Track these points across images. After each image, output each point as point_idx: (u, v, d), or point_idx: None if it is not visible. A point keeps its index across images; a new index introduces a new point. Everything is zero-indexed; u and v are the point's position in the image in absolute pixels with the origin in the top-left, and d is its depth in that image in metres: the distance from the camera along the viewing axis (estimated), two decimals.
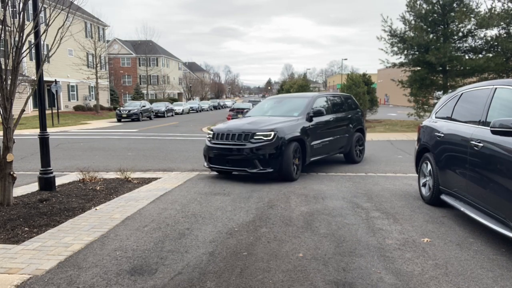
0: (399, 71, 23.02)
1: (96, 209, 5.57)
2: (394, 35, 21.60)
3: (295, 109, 8.62)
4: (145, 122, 30.89)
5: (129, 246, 4.19)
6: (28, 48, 6.27)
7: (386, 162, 10.24)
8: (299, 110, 8.42)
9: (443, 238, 4.43)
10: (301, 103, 8.77)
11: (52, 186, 6.67)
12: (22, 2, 5.75)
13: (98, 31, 43.82)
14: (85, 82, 39.85)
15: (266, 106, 9.62)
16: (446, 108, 5.89)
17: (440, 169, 5.46)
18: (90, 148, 14.08)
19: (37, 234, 4.50)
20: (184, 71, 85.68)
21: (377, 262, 3.76)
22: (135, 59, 67.09)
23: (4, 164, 5.56)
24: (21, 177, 7.78)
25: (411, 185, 7.21)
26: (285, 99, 9.81)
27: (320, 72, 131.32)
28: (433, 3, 20.69)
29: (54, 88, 25.62)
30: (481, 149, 4.35)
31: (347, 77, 25.24)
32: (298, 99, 9.44)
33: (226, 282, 3.34)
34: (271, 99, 10.41)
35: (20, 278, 3.40)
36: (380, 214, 5.39)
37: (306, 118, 8.13)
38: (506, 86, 4.45)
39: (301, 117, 8.15)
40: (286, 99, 9.88)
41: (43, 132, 6.73)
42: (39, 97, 6.65)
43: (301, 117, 8.15)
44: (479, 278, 3.42)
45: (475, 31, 20.35)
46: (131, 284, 3.32)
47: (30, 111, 30.39)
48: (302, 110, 8.39)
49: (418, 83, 21.41)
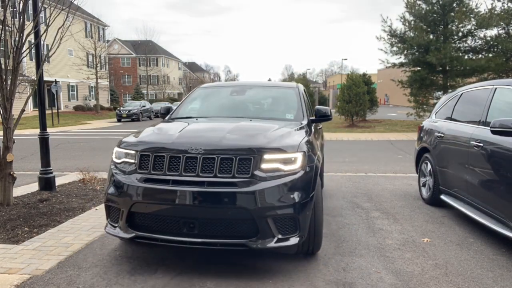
0: (399, 71, 23.03)
1: (96, 209, 5.57)
2: (394, 35, 21.63)
3: (280, 106, 5.28)
4: (145, 122, 30.88)
5: (129, 246, 4.19)
6: (28, 48, 6.26)
7: (386, 162, 10.24)
8: (292, 109, 5.04)
9: (443, 238, 4.44)
10: (286, 96, 5.41)
11: (52, 186, 6.67)
12: (22, 2, 5.75)
13: (98, 31, 43.82)
14: (85, 82, 39.85)
15: (213, 101, 5.56)
16: (446, 108, 5.89)
17: (440, 169, 5.47)
18: (90, 148, 14.08)
19: (37, 234, 4.50)
20: (184, 71, 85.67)
21: (377, 262, 3.76)
22: (135, 59, 67.10)
23: (4, 164, 5.56)
24: (21, 177, 7.78)
25: (411, 185, 7.22)
26: (247, 89, 5.74)
27: (320, 72, 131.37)
28: (433, 3, 20.70)
29: (54, 88, 25.63)
30: (481, 149, 4.36)
31: (347, 77, 25.24)
32: (274, 89, 5.83)
33: (226, 282, 3.34)
34: (216, 89, 6.03)
35: (20, 278, 3.40)
36: (380, 214, 5.39)
37: (308, 123, 4.62)
38: (506, 86, 4.46)
39: (304, 122, 4.63)
40: (248, 89, 5.78)
41: (43, 132, 6.72)
42: (39, 97, 6.65)
43: (304, 122, 4.63)
44: (479, 278, 3.42)
45: (475, 31, 20.37)
46: (131, 284, 3.32)
47: (30, 111, 30.38)
48: (297, 109, 5.01)
49: (418, 83, 21.41)
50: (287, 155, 3.44)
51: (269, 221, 3.28)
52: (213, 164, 3.34)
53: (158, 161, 3.46)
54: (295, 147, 3.55)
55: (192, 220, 3.36)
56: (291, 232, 3.37)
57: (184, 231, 3.38)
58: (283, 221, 3.34)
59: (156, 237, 3.41)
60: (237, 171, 3.32)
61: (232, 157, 3.34)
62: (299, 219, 3.36)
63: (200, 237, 3.36)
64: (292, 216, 3.35)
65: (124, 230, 3.53)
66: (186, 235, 3.37)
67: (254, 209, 3.24)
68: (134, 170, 3.54)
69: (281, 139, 3.67)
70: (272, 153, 3.41)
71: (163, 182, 3.37)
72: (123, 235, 3.54)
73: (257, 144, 3.48)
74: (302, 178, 3.43)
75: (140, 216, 3.51)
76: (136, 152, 3.59)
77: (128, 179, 3.51)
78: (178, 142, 3.55)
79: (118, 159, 3.74)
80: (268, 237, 3.29)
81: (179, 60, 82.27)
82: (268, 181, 3.30)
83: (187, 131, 3.90)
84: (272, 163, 3.39)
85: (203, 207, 3.31)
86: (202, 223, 3.36)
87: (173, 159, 3.42)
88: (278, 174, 3.36)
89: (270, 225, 3.28)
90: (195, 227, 3.36)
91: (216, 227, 3.35)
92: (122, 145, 3.79)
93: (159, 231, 3.44)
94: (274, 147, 3.48)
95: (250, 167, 3.33)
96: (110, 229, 3.68)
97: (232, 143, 3.47)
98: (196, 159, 3.37)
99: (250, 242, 3.27)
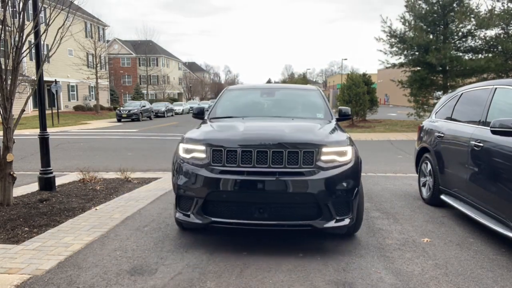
0: (399, 71, 23.04)
1: (96, 209, 5.57)
2: (394, 35, 21.63)
3: (309, 107, 5.70)
4: (145, 122, 30.90)
5: (129, 246, 4.19)
6: (28, 48, 6.27)
7: (386, 162, 10.24)
8: (320, 109, 5.50)
9: (443, 238, 4.44)
10: (311, 98, 5.88)
11: (52, 186, 6.67)
12: (22, 2, 5.75)
13: (98, 31, 43.83)
14: (85, 82, 39.85)
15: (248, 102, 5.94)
16: (446, 108, 5.89)
17: (440, 169, 5.46)
18: (90, 148, 14.08)
19: (37, 234, 4.50)
20: (184, 71, 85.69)
21: (377, 262, 3.76)
22: (135, 59, 67.10)
23: (4, 164, 5.56)
24: (21, 177, 7.78)
25: (411, 185, 7.22)
26: (275, 91, 6.32)
27: (320, 72, 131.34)
28: (433, 3, 20.72)
29: (54, 88, 25.63)
30: (481, 149, 4.36)
31: (347, 77, 25.24)
32: (299, 91, 6.48)
33: (226, 282, 3.34)
34: (246, 90, 6.56)
35: (20, 278, 3.40)
36: (380, 214, 5.39)
37: (336, 122, 5.14)
38: (506, 86, 4.46)
39: (333, 120, 5.15)
40: (276, 90, 6.40)
41: (43, 132, 6.73)
42: (39, 97, 6.65)
43: (333, 120, 5.15)
44: (479, 278, 3.42)
45: (475, 32, 20.38)
46: (131, 284, 3.32)
47: (30, 111, 30.38)
48: (324, 109, 5.50)
49: (418, 83, 21.43)
50: (340, 148, 4.02)
51: (329, 204, 3.82)
52: (281, 156, 3.83)
53: (231, 155, 3.88)
54: (346, 141, 4.17)
55: (263, 205, 3.82)
56: (345, 214, 3.93)
57: (255, 215, 3.84)
58: (340, 204, 3.90)
59: (230, 222, 3.88)
60: (303, 162, 3.83)
61: (298, 151, 3.84)
62: (352, 202, 3.96)
63: (270, 219, 3.83)
64: (346, 200, 3.93)
65: (199, 217, 3.93)
66: (257, 218, 3.83)
67: (318, 194, 3.77)
68: (207, 164, 3.93)
69: (331, 135, 4.30)
70: (329, 147, 3.95)
71: (238, 173, 3.82)
72: (198, 221, 3.94)
73: (317, 139, 4.03)
74: (353, 167, 4.01)
75: (215, 204, 3.92)
76: (206, 147, 3.98)
77: (203, 171, 3.91)
78: (247, 138, 3.99)
79: (187, 154, 4.12)
80: (328, 218, 3.84)
81: (179, 60, 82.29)
82: (328, 170, 3.85)
83: (250, 128, 4.34)
84: (330, 155, 3.93)
85: (275, 193, 3.79)
86: (271, 208, 3.83)
87: (245, 153, 3.85)
88: (334, 164, 3.91)
89: (330, 208, 3.83)
90: (264, 212, 3.83)
91: (284, 211, 3.85)
92: (188, 142, 4.21)
93: (233, 217, 3.88)
94: (331, 141, 4.05)
95: (313, 159, 3.86)
96: (182, 217, 4.07)
97: (297, 139, 4.00)
98: (266, 152, 3.83)
99: (315, 223, 3.81)
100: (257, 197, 3.82)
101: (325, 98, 5.82)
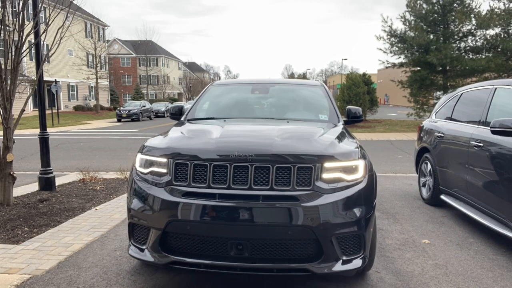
0: (399, 71, 23.05)
1: (96, 209, 5.57)
2: (394, 35, 21.63)
3: (310, 106, 4.81)
4: (145, 122, 30.91)
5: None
6: (28, 48, 6.27)
7: (386, 162, 10.24)
8: (324, 109, 4.56)
9: (443, 238, 4.44)
10: (313, 95, 4.89)
11: (52, 186, 6.67)
12: (21, 2, 5.74)
13: (98, 31, 43.84)
14: (85, 82, 39.86)
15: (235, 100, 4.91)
16: (446, 108, 5.89)
17: (440, 169, 5.46)
18: (90, 148, 14.08)
19: (37, 234, 4.50)
20: (184, 71, 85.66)
21: (377, 262, 3.76)
22: (135, 59, 67.10)
23: (4, 164, 5.56)
24: (21, 177, 7.78)
25: (411, 185, 7.22)
26: (269, 87, 5.12)
27: (320, 72, 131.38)
28: (433, 3, 20.73)
29: (54, 88, 25.64)
30: (481, 149, 4.35)
31: (346, 77, 25.24)
32: (298, 87, 5.25)
33: (225, 284, 3.34)
34: (234, 86, 5.40)
35: (20, 278, 3.40)
36: (380, 214, 5.39)
37: (344, 125, 4.17)
38: (506, 86, 4.46)
39: (340, 123, 4.20)
40: (270, 86, 5.15)
41: (43, 132, 6.72)
42: (39, 97, 6.65)
43: (340, 123, 4.20)
44: (479, 278, 3.42)
45: (475, 31, 20.37)
46: (131, 284, 3.32)
47: (30, 111, 30.40)
48: (329, 109, 4.53)
49: (418, 83, 21.43)
50: (348, 163, 2.97)
51: (333, 240, 2.81)
52: (267, 174, 2.82)
53: (199, 171, 2.88)
54: (356, 153, 3.09)
55: (242, 241, 2.79)
56: (356, 253, 2.91)
57: (231, 254, 2.82)
58: (348, 240, 2.88)
59: (197, 262, 2.84)
60: (296, 182, 2.82)
61: (290, 166, 2.83)
62: (364, 236, 2.91)
63: (252, 261, 2.81)
64: (357, 234, 2.89)
65: (156, 254, 2.92)
66: (234, 259, 2.82)
67: (318, 227, 2.75)
68: (168, 182, 2.93)
69: (337, 143, 3.20)
70: (334, 161, 2.92)
71: (208, 197, 2.80)
72: (154, 260, 2.94)
73: (317, 150, 2.98)
74: (366, 188, 2.98)
75: (177, 238, 2.91)
76: (168, 160, 2.99)
77: (161, 193, 2.92)
78: (221, 148, 2.97)
79: (144, 169, 3.12)
80: (332, 259, 2.82)
81: (179, 60, 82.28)
82: (332, 194, 2.83)
83: (227, 134, 3.30)
84: (334, 172, 2.90)
85: (258, 226, 2.76)
86: (254, 245, 2.80)
87: (218, 168, 2.85)
88: (341, 185, 2.89)
89: (335, 246, 2.81)
90: (244, 250, 2.80)
91: (271, 249, 2.82)
92: (147, 151, 3.19)
93: (200, 256, 2.86)
94: (336, 153, 2.99)
95: (311, 177, 2.84)
96: (135, 253, 3.06)
97: (288, 149, 2.95)
98: (247, 168, 2.82)
99: (314, 267, 2.78)
100: (234, 231, 2.77)
101: (330, 95, 4.76)
